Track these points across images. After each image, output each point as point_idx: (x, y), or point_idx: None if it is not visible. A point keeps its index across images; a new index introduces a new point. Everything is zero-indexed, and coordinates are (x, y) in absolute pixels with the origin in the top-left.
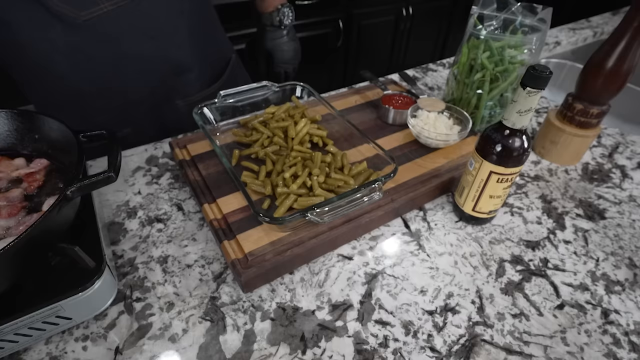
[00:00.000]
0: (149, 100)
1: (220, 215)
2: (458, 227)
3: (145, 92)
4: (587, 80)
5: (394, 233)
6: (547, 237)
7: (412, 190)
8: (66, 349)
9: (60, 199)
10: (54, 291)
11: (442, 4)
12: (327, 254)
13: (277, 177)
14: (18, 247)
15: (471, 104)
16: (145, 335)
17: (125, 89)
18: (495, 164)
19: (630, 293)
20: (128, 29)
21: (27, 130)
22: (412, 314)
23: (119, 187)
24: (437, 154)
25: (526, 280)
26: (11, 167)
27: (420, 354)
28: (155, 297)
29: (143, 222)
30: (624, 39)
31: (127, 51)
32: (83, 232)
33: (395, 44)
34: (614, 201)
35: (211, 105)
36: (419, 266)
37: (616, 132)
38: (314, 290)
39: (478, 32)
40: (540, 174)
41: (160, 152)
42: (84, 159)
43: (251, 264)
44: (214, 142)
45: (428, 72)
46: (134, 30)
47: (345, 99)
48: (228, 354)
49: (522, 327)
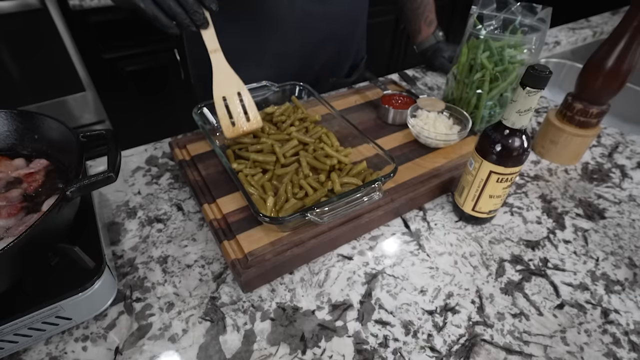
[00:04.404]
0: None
1: (220, 215)
2: (458, 227)
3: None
4: (587, 80)
5: (393, 233)
6: (547, 237)
7: (412, 190)
8: (66, 349)
9: (60, 199)
10: (54, 291)
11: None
12: (327, 254)
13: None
14: (18, 247)
15: (471, 104)
16: (145, 335)
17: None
18: (495, 163)
19: (630, 293)
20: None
21: (27, 131)
22: (412, 313)
23: (118, 187)
24: (436, 154)
25: (526, 280)
26: (11, 168)
27: (420, 353)
28: (155, 297)
29: (143, 222)
30: (623, 39)
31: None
32: (83, 232)
33: (395, 44)
34: (614, 201)
35: (211, 105)
36: (419, 266)
37: (616, 132)
38: (314, 290)
39: (478, 32)
40: (540, 173)
41: (160, 152)
42: (84, 159)
43: (251, 264)
44: (213, 142)
45: (428, 72)
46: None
47: (345, 99)
48: (228, 354)
49: (522, 326)
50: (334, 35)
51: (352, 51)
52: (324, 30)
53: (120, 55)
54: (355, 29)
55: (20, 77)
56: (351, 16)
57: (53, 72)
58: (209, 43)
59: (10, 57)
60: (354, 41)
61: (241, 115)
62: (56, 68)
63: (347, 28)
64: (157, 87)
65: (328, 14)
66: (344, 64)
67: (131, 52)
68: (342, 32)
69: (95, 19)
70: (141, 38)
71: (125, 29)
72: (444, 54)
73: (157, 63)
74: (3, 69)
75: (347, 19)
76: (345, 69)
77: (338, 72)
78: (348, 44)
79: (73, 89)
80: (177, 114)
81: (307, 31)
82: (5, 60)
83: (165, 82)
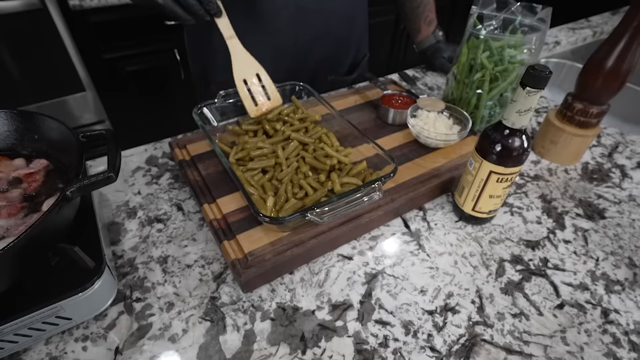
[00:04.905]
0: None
1: (220, 215)
2: (458, 227)
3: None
4: (587, 79)
5: (393, 233)
6: (547, 237)
7: (412, 190)
8: (66, 349)
9: (60, 199)
10: (54, 291)
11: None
12: (327, 254)
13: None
14: (18, 247)
15: (471, 104)
16: (145, 335)
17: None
18: (495, 163)
19: (630, 292)
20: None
21: (27, 131)
22: (412, 313)
23: (118, 187)
24: (436, 154)
25: (526, 280)
26: (11, 168)
27: (420, 353)
28: (155, 297)
29: (143, 222)
30: (623, 39)
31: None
32: (83, 232)
33: (395, 44)
34: (614, 201)
35: (211, 105)
36: (419, 266)
37: (616, 132)
38: (314, 290)
39: (478, 31)
40: (540, 173)
41: (160, 152)
42: (84, 159)
43: (251, 264)
44: (213, 142)
45: (428, 72)
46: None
47: (345, 99)
48: (228, 354)
49: (522, 326)
50: (329, 32)
51: (350, 49)
52: (319, 27)
53: (120, 55)
54: (351, 26)
55: (20, 77)
56: (347, 13)
57: (53, 72)
58: (224, 30)
59: (10, 57)
60: (351, 39)
61: (262, 94)
62: (56, 68)
63: (343, 25)
64: (157, 87)
65: (323, 10)
66: (342, 62)
67: (131, 52)
68: (337, 29)
69: (95, 19)
70: (141, 38)
71: (125, 29)
72: (444, 53)
73: (157, 63)
74: (3, 69)
75: (343, 15)
76: (345, 67)
77: (336, 70)
78: (345, 41)
79: (73, 89)
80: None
81: (300, 27)
82: (5, 60)
83: (166, 82)
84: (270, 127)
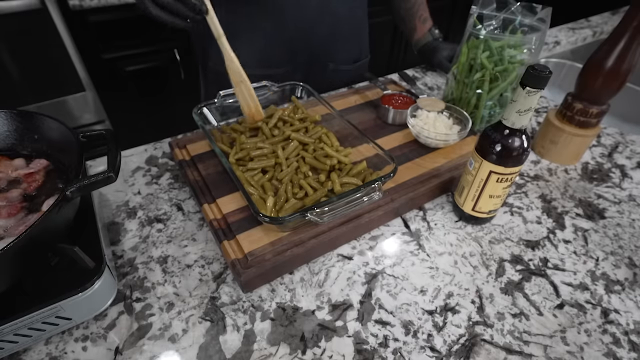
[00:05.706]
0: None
1: (220, 215)
2: (458, 227)
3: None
4: (587, 79)
5: (393, 233)
6: (547, 237)
7: (412, 190)
8: (66, 349)
9: (60, 199)
10: (54, 291)
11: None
12: (327, 253)
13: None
14: (18, 247)
15: (471, 104)
16: (145, 335)
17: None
18: (494, 163)
19: (630, 292)
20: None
21: (27, 131)
22: (412, 313)
23: (118, 187)
24: (436, 154)
25: (526, 280)
26: (11, 168)
27: (420, 353)
28: (155, 297)
29: (143, 222)
30: (623, 39)
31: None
32: (83, 232)
33: (395, 44)
34: (614, 201)
35: (211, 105)
36: (419, 266)
37: (616, 132)
38: (313, 290)
39: (477, 31)
40: (540, 173)
41: (160, 152)
42: (84, 159)
43: (251, 264)
44: (213, 142)
45: (428, 72)
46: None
47: (345, 99)
48: (228, 354)
49: (522, 326)
50: (326, 15)
51: (350, 37)
52: (315, 9)
53: (120, 55)
54: (350, 13)
55: (20, 77)
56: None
57: (53, 72)
58: (213, 29)
59: (10, 57)
60: (349, 25)
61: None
62: (56, 68)
63: (341, 8)
64: (157, 87)
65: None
66: (341, 47)
67: (131, 52)
68: (336, 12)
69: (95, 19)
70: (141, 38)
71: (125, 29)
72: (442, 52)
73: (157, 63)
74: (3, 69)
75: (341, 1)
76: (345, 56)
77: (336, 58)
78: (343, 27)
79: (73, 89)
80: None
81: (297, 11)
82: (5, 60)
83: (165, 82)
84: (269, 133)
